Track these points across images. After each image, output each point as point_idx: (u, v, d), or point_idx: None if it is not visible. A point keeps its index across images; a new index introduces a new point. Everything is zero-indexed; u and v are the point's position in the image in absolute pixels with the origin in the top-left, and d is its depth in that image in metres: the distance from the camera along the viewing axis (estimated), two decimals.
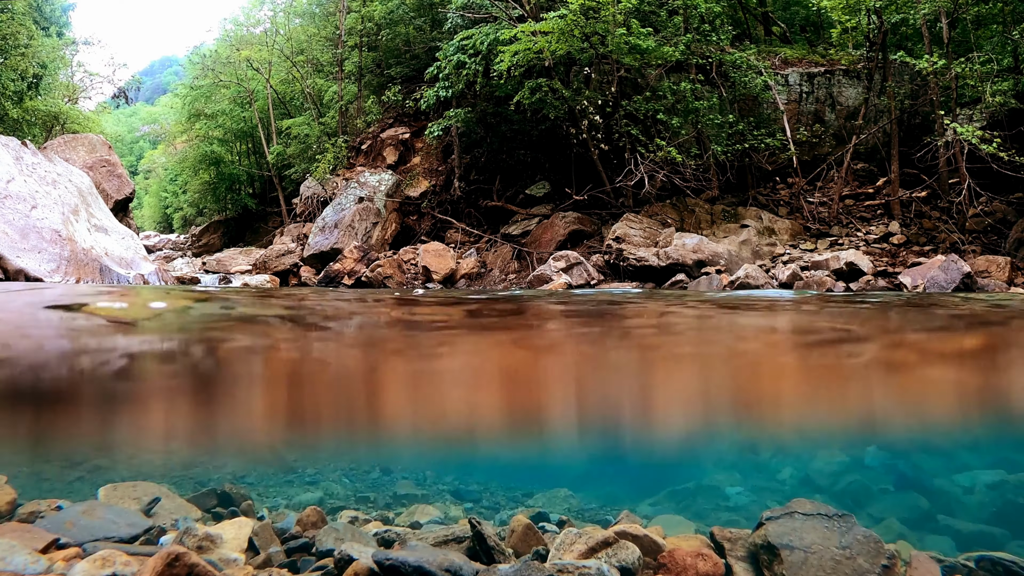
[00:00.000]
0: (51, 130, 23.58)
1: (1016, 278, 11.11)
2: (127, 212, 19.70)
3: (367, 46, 21.65)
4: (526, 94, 14.52)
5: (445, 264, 15.18)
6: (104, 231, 11.60)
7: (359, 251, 15.93)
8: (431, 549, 3.91)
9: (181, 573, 3.27)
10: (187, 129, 31.09)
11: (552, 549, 4.05)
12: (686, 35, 14.73)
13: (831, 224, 14.13)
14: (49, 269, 9.44)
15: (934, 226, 13.32)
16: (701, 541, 4.36)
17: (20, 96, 21.58)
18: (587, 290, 12.43)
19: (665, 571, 3.92)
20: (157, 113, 51.27)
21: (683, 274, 12.82)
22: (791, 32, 19.36)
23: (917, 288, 10.74)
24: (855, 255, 12.04)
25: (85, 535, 3.96)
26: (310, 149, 21.95)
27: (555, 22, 13.45)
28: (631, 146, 14.41)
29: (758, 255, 13.43)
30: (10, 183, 10.15)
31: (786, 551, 3.80)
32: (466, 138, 17.89)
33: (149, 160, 47.72)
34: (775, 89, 15.19)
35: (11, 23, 20.81)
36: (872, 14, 14.26)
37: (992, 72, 12.28)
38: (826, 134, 15.91)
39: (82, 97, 28.75)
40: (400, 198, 18.52)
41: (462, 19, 16.76)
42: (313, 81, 25.61)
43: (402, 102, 19.48)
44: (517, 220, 17.04)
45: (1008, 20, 12.61)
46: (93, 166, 18.31)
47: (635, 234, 13.86)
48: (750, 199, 15.08)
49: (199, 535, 3.97)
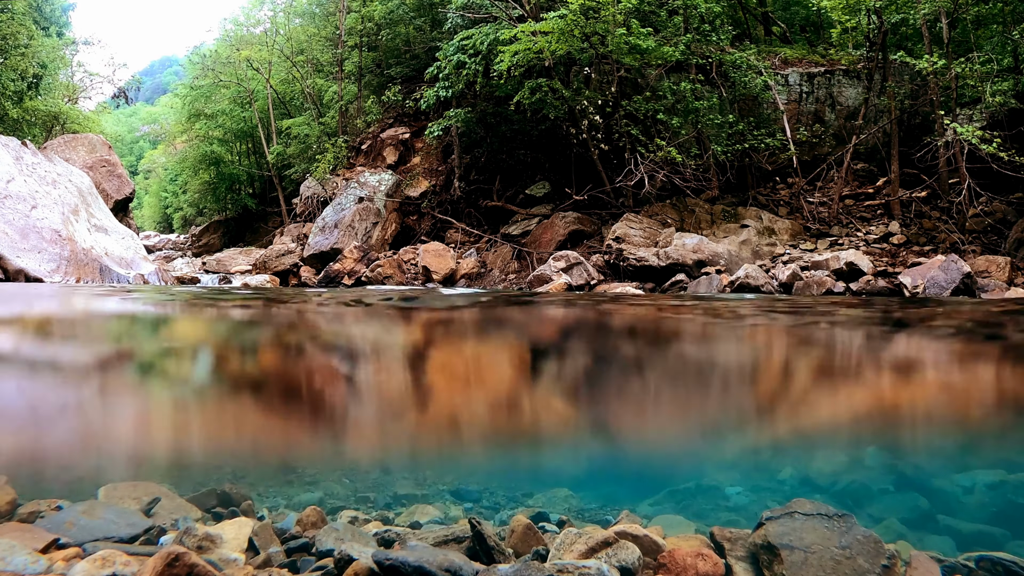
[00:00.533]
0: (51, 130, 23.59)
1: (1016, 278, 11.11)
2: (127, 212, 19.71)
3: (367, 46, 21.66)
4: (526, 94, 14.53)
5: (445, 264, 15.18)
6: (104, 231, 11.60)
7: (359, 251, 15.93)
8: (431, 549, 3.91)
9: (181, 573, 3.27)
10: (187, 129, 31.10)
11: (552, 549, 4.05)
12: (686, 35, 14.74)
13: (831, 224, 14.13)
14: (49, 269, 9.44)
15: (934, 226, 13.32)
16: (701, 541, 4.36)
17: (20, 96, 21.59)
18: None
19: (665, 571, 3.92)
20: (157, 113, 51.30)
21: (683, 274, 12.82)
22: (791, 32, 19.36)
23: (917, 288, 10.74)
24: (855, 255, 12.04)
25: (85, 535, 3.96)
26: (310, 149, 21.96)
27: (555, 22, 13.46)
28: (631, 146, 14.41)
29: (758, 255, 13.43)
30: (10, 183, 10.15)
31: (786, 551, 3.80)
32: (466, 138, 17.90)
33: (149, 160, 47.75)
34: (775, 89, 15.19)
35: (11, 23, 20.82)
36: (872, 14, 14.26)
37: (992, 72, 12.29)
38: (826, 134, 15.91)
39: (82, 97, 28.79)
40: (400, 198, 18.52)
41: (462, 19, 16.77)
42: (313, 81, 25.62)
43: (402, 102, 19.49)
44: (517, 220, 17.04)
45: (1008, 20, 12.61)
46: (93, 166, 18.32)
47: (635, 234, 13.87)
48: (750, 199, 15.08)
49: (199, 535, 3.97)
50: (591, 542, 3.95)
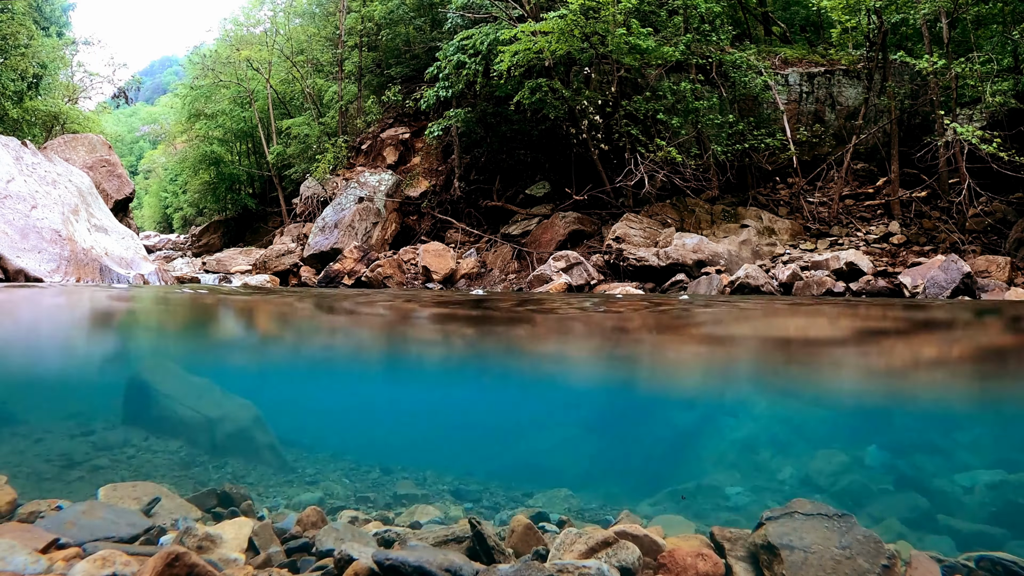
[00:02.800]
0: (51, 130, 23.58)
1: (1016, 278, 11.11)
2: (127, 212, 19.71)
3: (367, 46, 21.66)
4: (526, 94, 14.53)
5: (445, 264, 15.18)
6: (104, 231, 11.60)
7: (359, 251, 15.93)
8: (431, 549, 3.91)
9: (181, 573, 3.27)
10: (187, 129, 31.10)
11: (552, 549, 4.05)
12: (686, 35, 14.74)
13: (831, 224, 14.13)
14: (49, 269, 9.44)
15: (934, 226, 13.32)
16: (701, 541, 4.36)
17: (20, 96, 21.59)
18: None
19: (665, 571, 3.92)
20: (157, 113, 51.32)
21: (683, 274, 12.82)
22: (791, 32, 19.36)
23: (917, 288, 10.74)
24: (855, 255, 12.04)
25: (85, 535, 3.96)
26: (310, 149, 21.96)
27: (555, 22, 13.46)
28: (631, 146, 14.41)
29: (758, 255, 13.43)
30: (10, 183, 10.15)
31: (786, 551, 3.80)
32: (466, 138, 17.89)
33: (149, 160, 47.76)
34: (775, 89, 15.19)
35: (11, 23, 20.81)
36: (872, 14, 14.26)
37: (992, 72, 12.28)
38: (826, 134, 15.91)
39: (82, 97, 28.76)
40: (400, 198, 18.53)
41: (462, 19, 16.77)
42: (313, 81, 25.62)
43: (402, 102, 19.48)
44: (517, 220, 17.04)
45: (1008, 20, 12.61)
46: (93, 166, 18.32)
47: (635, 234, 13.86)
48: (750, 199, 15.08)
49: (199, 535, 3.97)
50: (591, 542, 3.96)
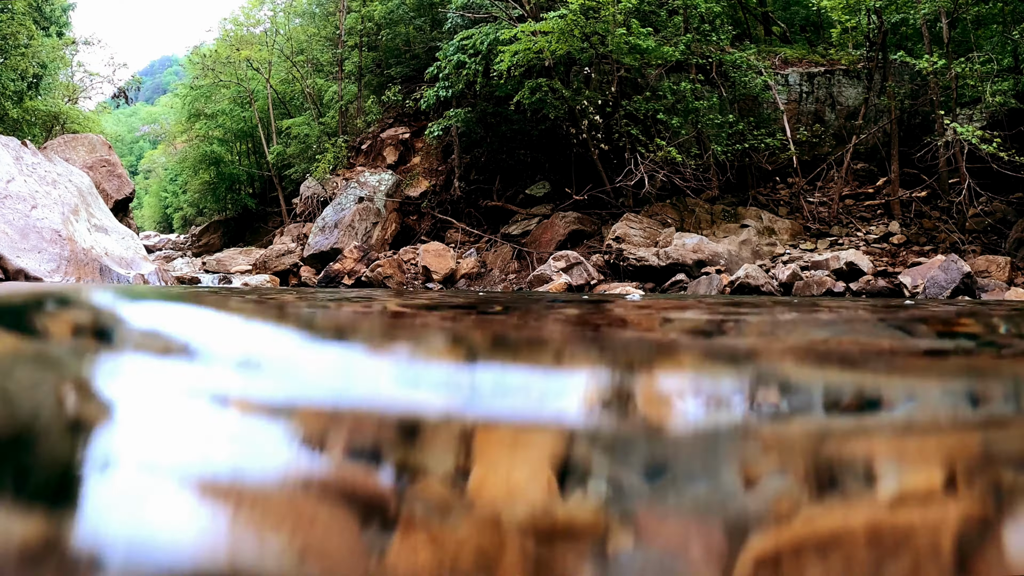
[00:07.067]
0: (51, 130, 23.57)
1: (1016, 278, 11.11)
2: (127, 212, 19.71)
3: (367, 46, 21.66)
4: (526, 94, 14.53)
5: (445, 264, 15.18)
6: (104, 231, 11.60)
7: (359, 251, 15.93)
8: None
9: None
10: (187, 129, 31.10)
11: None
12: (686, 35, 14.74)
13: (831, 224, 14.13)
14: (49, 269, 9.44)
15: (934, 226, 13.32)
16: None
17: (20, 96, 21.58)
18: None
19: None
20: (157, 113, 51.31)
21: (683, 274, 12.82)
22: (791, 32, 19.36)
23: (917, 288, 10.74)
24: (855, 255, 12.04)
25: None
26: (310, 149, 21.96)
27: (555, 22, 13.46)
28: (631, 146, 14.41)
29: (758, 255, 13.43)
30: (10, 183, 10.15)
31: None
32: (466, 138, 17.89)
33: (149, 160, 47.78)
34: (775, 89, 15.18)
35: (11, 23, 20.80)
36: (872, 14, 14.26)
37: (992, 72, 12.28)
38: (826, 134, 15.90)
39: (82, 97, 28.71)
40: (400, 198, 18.53)
41: (462, 19, 16.77)
42: (313, 81, 25.62)
43: (402, 102, 19.48)
44: (517, 220, 17.04)
45: (1008, 20, 12.61)
46: (93, 166, 18.31)
47: (635, 234, 13.87)
48: (750, 199, 15.08)
49: None
50: None
